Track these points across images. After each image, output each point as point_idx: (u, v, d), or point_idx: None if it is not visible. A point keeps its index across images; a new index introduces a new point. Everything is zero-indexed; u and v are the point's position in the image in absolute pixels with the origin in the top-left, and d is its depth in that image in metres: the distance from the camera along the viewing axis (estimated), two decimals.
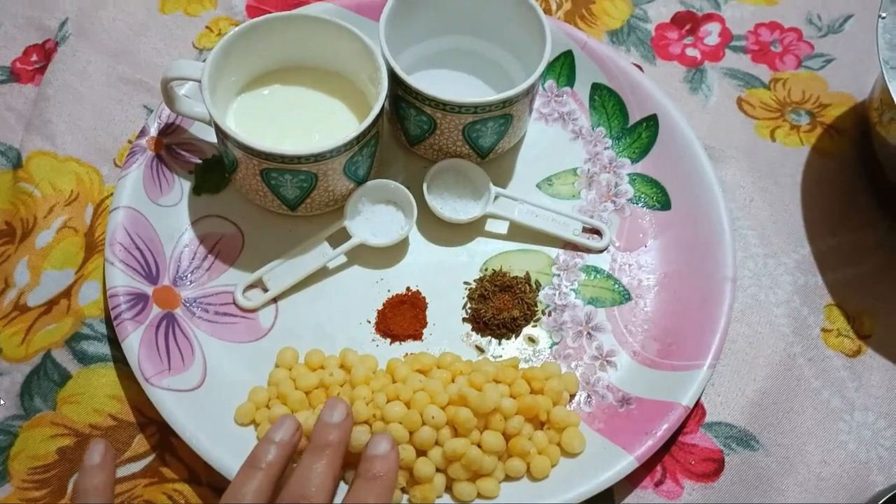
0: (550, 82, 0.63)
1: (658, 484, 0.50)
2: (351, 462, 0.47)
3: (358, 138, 0.51)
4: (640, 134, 0.61)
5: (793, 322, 0.55)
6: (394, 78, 0.54)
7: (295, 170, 0.51)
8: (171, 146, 0.58)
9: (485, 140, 0.56)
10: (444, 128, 0.55)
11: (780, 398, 0.53)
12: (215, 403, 0.50)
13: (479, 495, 0.47)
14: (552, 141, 0.62)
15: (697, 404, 0.52)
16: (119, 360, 0.52)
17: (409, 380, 0.49)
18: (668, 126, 0.60)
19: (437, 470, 0.47)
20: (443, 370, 0.50)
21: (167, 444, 0.50)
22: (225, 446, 0.47)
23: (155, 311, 0.52)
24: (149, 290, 0.53)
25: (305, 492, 0.41)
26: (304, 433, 0.46)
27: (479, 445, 0.47)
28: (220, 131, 0.52)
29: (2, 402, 0.51)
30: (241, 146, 0.51)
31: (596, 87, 0.62)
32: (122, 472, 0.49)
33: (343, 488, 0.46)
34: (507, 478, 0.48)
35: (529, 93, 0.54)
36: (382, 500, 0.42)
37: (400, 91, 0.54)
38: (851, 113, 0.64)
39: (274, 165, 0.51)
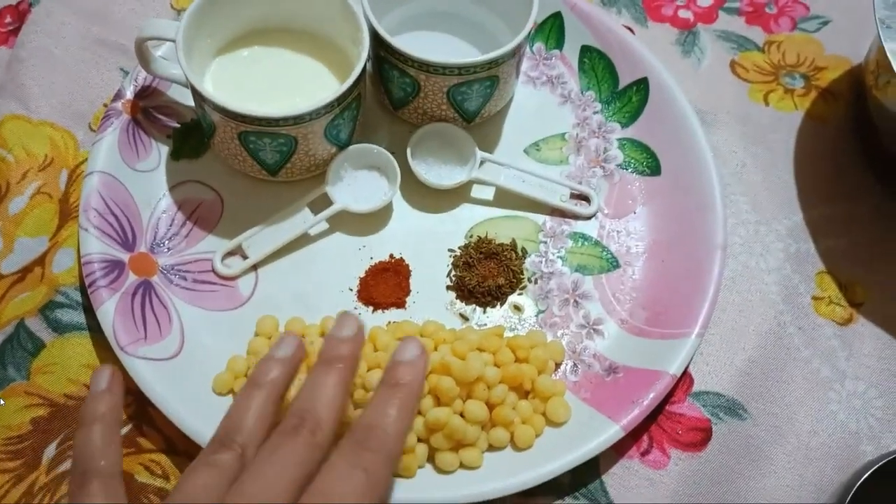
0: (539, 45, 0.62)
1: (644, 454, 0.49)
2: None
3: (338, 100, 0.50)
4: (630, 98, 0.59)
5: (784, 290, 0.54)
6: (376, 39, 0.52)
7: (274, 133, 0.50)
8: (147, 109, 0.56)
9: (470, 103, 0.55)
10: (428, 90, 0.53)
11: (770, 367, 0.52)
12: (193, 373, 0.49)
13: (462, 465, 0.47)
14: (540, 105, 0.60)
15: (685, 373, 0.51)
16: (94, 328, 0.51)
17: (391, 348, 0.48)
18: (658, 90, 0.58)
19: (419, 440, 0.47)
20: (426, 338, 0.49)
21: (144, 415, 0.49)
22: (203, 416, 0.46)
23: (131, 278, 0.51)
24: (125, 257, 0.51)
25: (312, 405, 0.37)
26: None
27: (461, 415, 0.46)
28: (196, 93, 0.50)
29: None
30: (217, 108, 0.49)
31: (585, 50, 0.61)
32: None
33: None
34: (491, 447, 0.47)
35: (516, 54, 0.53)
36: (405, 411, 0.38)
37: (383, 52, 0.53)
38: (847, 76, 0.63)
39: (252, 128, 0.50)
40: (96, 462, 0.37)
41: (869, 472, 0.45)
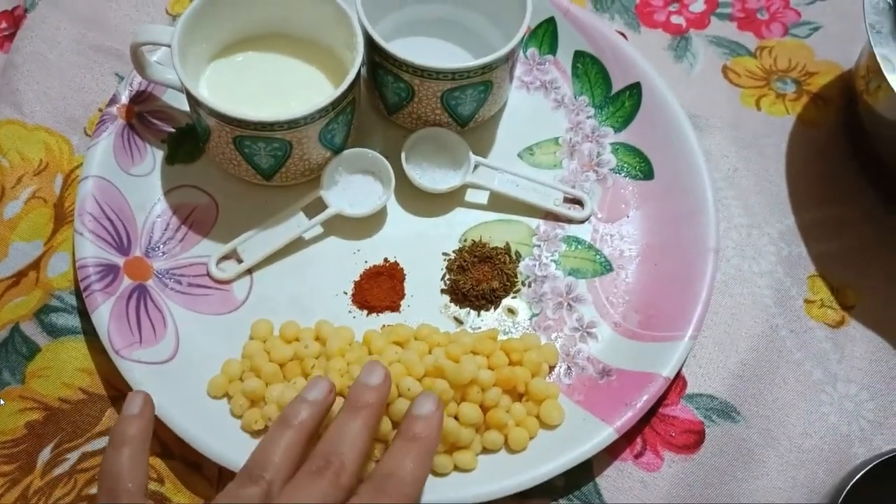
0: (532, 50, 0.62)
1: (638, 456, 0.49)
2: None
3: (333, 105, 0.50)
4: (623, 102, 0.60)
5: (776, 293, 0.55)
6: (371, 44, 0.52)
7: (268, 137, 0.50)
8: (143, 114, 0.56)
9: (464, 108, 0.55)
10: (422, 95, 0.54)
11: (762, 370, 0.52)
12: (188, 376, 0.49)
13: (456, 468, 0.47)
14: (534, 110, 0.60)
15: (678, 376, 0.51)
16: (89, 332, 0.51)
17: (386, 351, 0.48)
18: (651, 95, 0.59)
19: None
20: (420, 342, 0.49)
21: None
22: (197, 420, 0.47)
23: (126, 282, 0.51)
24: (119, 261, 0.52)
25: (337, 448, 0.40)
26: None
27: (456, 417, 0.47)
28: (191, 98, 0.50)
29: None
30: (212, 113, 0.49)
31: (579, 55, 0.61)
32: (93, 446, 0.48)
33: None
34: (485, 450, 0.48)
35: (509, 59, 0.53)
36: (421, 462, 0.40)
37: (377, 58, 0.53)
38: (838, 81, 0.63)
39: (247, 133, 0.50)
40: (124, 483, 0.39)
41: (860, 474, 0.45)
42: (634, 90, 0.59)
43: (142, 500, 0.39)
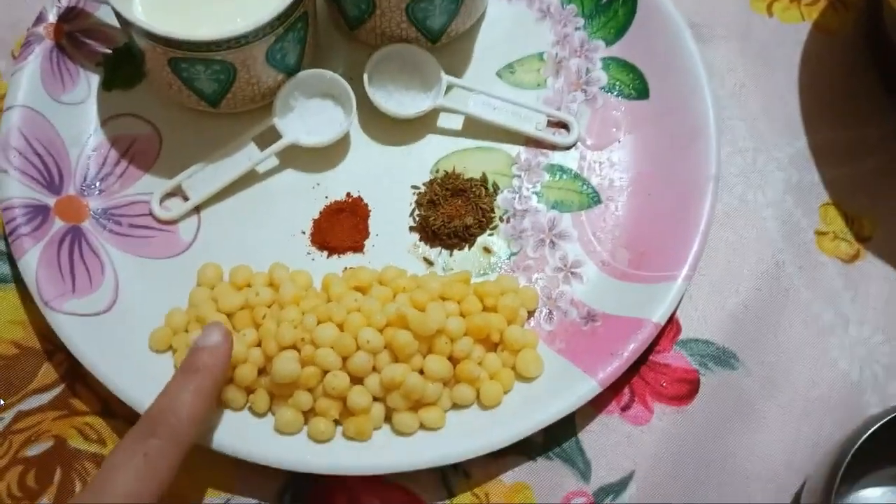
0: None
1: (625, 408, 0.46)
2: (280, 394, 0.43)
3: (279, 19, 0.44)
4: (616, 11, 0.53)
5: (783, 225, 0.50)
6: None
7: (207, 59, 0.45)
8: (73, 34, 0.51)
9: (433, 20, 0.49)
10: (384, 6, 0.48)
11: (765, 312, 0.48)
12: (127, 328, 0.45)
13: (423, 426, 0.43)
14: (515, 22, 0.54)
15: (672, 320, 0.47)
16: (21, 280, 0.46)
17: (344, 299, 0.44)
18: (647, 1, 0.52)
19: (375, 399, 0.43)
20: (383, 287, 0.45)
21: (77, 374, 0.45)
22: (138, 375, 0.43)
23: (57, 224, 0.47)
24: (50, 201, 0.47)
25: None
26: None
27: (421, 372, 0.43)
28: (118, 16, 0.45)
29: None
30: (142, 32, 0.44)
31: None
32: (29, 404, 0.45)
33: None
34: (455, 406, 0.44)
35: None
36: (200, 397, 0.39)
37: None
38: None
39: (182, 54, 0.45)
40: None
41: (876, 426, 0.41)
42: None
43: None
